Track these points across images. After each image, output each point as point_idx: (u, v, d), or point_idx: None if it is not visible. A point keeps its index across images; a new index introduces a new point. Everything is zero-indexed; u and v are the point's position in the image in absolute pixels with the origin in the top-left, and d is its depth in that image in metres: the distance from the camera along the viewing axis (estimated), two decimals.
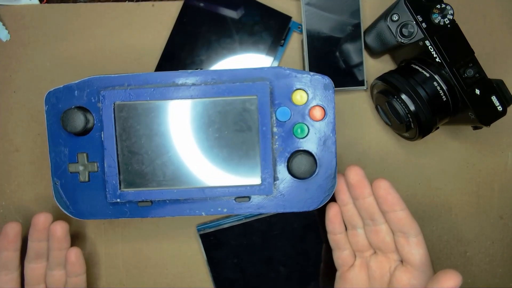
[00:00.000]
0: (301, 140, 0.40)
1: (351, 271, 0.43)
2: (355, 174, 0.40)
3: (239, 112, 0.40)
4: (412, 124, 0.43)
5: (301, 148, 0.40)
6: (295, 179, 0.40)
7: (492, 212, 0.51)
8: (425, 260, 0.40)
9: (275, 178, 0.40)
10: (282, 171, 0.40)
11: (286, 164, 0.40)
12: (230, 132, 0.40)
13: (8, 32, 0.49)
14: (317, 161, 0.40)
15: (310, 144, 0.40)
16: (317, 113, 0.40)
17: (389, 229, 0.41)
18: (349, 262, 0.44)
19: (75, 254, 0.44)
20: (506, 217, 0.51)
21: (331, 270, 0.46)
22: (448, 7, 0.42)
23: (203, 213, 0.41)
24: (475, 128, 0.46)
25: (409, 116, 0.43)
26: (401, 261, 0.41)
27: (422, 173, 0.50)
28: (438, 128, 0.45)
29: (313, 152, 0.40)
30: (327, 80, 0.40)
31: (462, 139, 0.50)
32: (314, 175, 0.40)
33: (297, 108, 0.40)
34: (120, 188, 0.40)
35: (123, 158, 0.40)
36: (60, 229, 0.44)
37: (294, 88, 0.40)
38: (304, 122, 0.40)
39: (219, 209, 0.41)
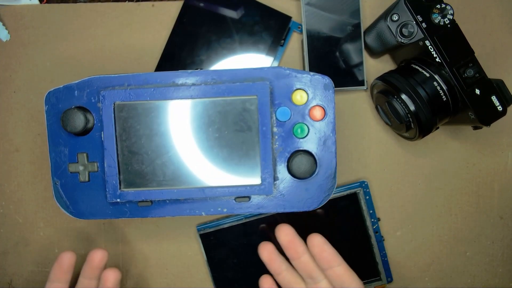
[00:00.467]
0: (301, 140, 0.40)
1: None
2: (285, 235, 0.40)
3: (239, 112, 0.40)
4: (412, 124, 0.43)
5: (301, 148, 0.40)
6: (295, 179, 0.40)
7: (492, 212, 0.51)
8: None
9: (275, 178, 0.40)
10: (282, 171, 0.40)
11: (286, 164, 0.40)
12: (230, 132, 0.40)
13: (8, 32, 0.49)
14: (317, 161, 0.40)
15: (310, 144, 0.40)
16: (317, 113, 0.40)
17: (329, 284, 0.40)
18: None
19: None
20: (506, 217, 0.51)
21: None
22: (448, 7, 0.42)
23: (203, 213, 0.41)
24: (475, 128, 0.46)
25: (409, 116, 0.43)
26: None
27: (422, 173, 0.50)
28: (438, 128, 0.45)
29: (313, 152, 0.40)
30: (327, 80, 0.40)
31: (462, 139, 0.50)
32: (314, 175, 0.40)
33: (297, 108, 0.40)
34: (120, 188, 0.40)
35: (123, 158, 0.40)
36: (112, 277, 0.43)
37: (294, 88, 0.40)
38: (304, 122, 0.40)
39: (219, 209, 0.41)
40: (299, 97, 0.40)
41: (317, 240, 0.39)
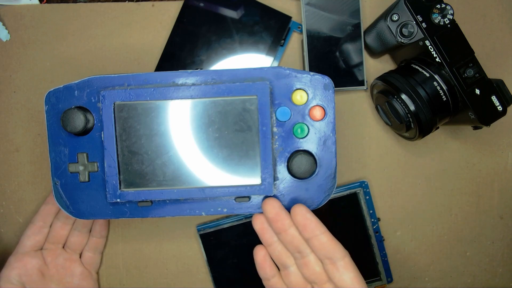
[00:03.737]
0: (301, 140, 0.40)
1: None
2: (271, 207, 0.39)
3: (239, 112, 0.40)
4: (412, 124, 0.43)
5: (301, 148, 0.40)
6: (295, 179, 0.40)
7: (492, 212, 0.51)
8: (357, 283, 0.39)
9: (275, 178, 0.40)
10: (282, 171, 0.40)
11: (286, 164, 0.40)
12: (230, 132, 0.40)
13: (8, 32, 0.49)
14: (317, 161, 0.40)
15: (310, 144, 0.40)
16: (317, 113, 0.40)
17: (317, 258, 0.40)
18: None
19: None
20: (506, 217, 0.51)
21: None
22: (448, 7, 0.42)
23: (203, 213, 0.41)
24: (475, 128, 0.46)
25: (409, 116, 0.43)
26: None
27: (422, 173, 0.50)
28: (438, 128, 0.45)
29: (313, 152, 0.40)
30: (327, 80, 0.40)
31: (462, 139, 0.50)
32: (314, 175, 0.40)
33: (297, 108, 0.40)
34: (120, 188, 0.40)
35: (123, 158, 0.40)
36: (103, 230, 0.49)
37: (294, 88, 0.40)
38: (304, 122, 0.40)
39: (219, 209, 0.41)
40: (299, 97, 0.40)
41: (299, 209, 0.38)
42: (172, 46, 0.49)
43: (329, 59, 0.48)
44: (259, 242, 0.42)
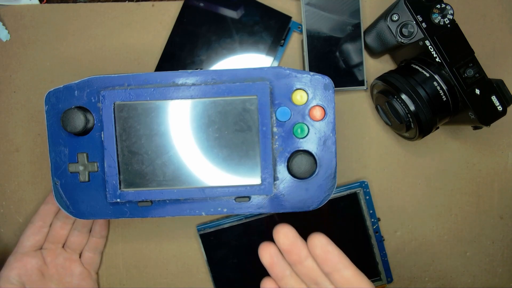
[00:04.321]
0: (301, 140, 0.40)
1: None
2: (285, 238, 0.35)
3: (239, 112, 0.40)
4: (412, 124, 0.43)
5: (301, 148, 0.40)
6: (295, 179, 0.40)
7: (492, 212, 0.51)
8: None
9: (275, 178, 0.40)
10: (282, 171, 0.40)
11: (286, 164, 0.40)
12: (230, 132, 0.40)
13: (8, 32, 0.49)
14: (317, 161, 0.40)
15: (310, 144, 0.40)
16: (317, 113, 0.40)
17: None
18: None
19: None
20: (506, 217, 0.51)
21: None
22: (448, 7, 0.42)
23: (203, 213, 0.41)
24: (475, 128, 0.46)
25: (409, 116, 0.43)
26: None
27: (422, 173, 0.50)
28: (438, 128, 0.45)
29: (313, 152, 0.40)
30: (327, 80, 0.40)
31: (462, 139, 0.50)
32: (314, 175, 0.40)
33: (297, 108, 0.40)
34: (120, 188, 0.40)
35: (123, 158, 0.40)
36: (104, 230, 0.49)
37: (294, 88, 0.40)
38: (304, 122, 0.40)
39: (219, 209, 0.41)
40: (299, 97, 0.40)
41: (319, 241, 0.34)
42: (172, 46, 0.49)
43: (329, 59, 0.48)
44: (260, 243, 0.42)
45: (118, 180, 0.40)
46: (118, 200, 0.40)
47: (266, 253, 0.36)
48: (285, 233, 0.35)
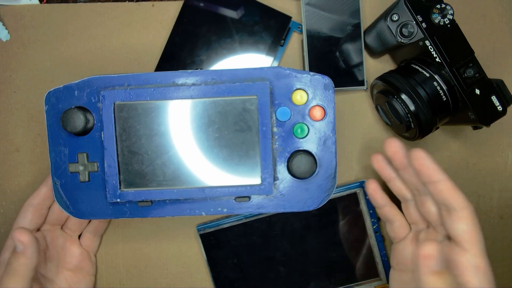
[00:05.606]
0: (301, 140, 0.40)
1: (401, 243, 0.43)
2: (390, 147, 0.40)
3: (239, 112, 0.40)
4: (412, 124, 0.43)
5: (301, 148, 0.40)
6: (295, 179, 0.40)
7: (492, 212, 0.51)
8: (469, 238, 0.35)
9: (275, 178, 0.40)
10: (282, 171, 0.40)
11: (286, 164, 0.40)
12: (230, 132, 0.40)
13: (8, 32, 0.49)
14: (317, 161, 0.40)
15: (310, 144, 0.40)
16: (317, 113, 0.40)
17: (434, 201, 0.39)
18: (401, 235, 0.44)
19: None
20: (506, 217, 0.51)
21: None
22: (448, 7, 0.42)
23: (203, 213, 0.41)
24: (475, 128, 0.46)
25: (409, 116, 0.43)
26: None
27: None
28: (438, 128, 0.45)
29: (313, 152, 0.40)
30: (327, 80, 0.40)
31: (462, 139, 0.50)
32: (314, 175, 0.40)
33: (297, 108, 0.40)
34: (120, 188, 0.40)
35: (123, 158, 0.40)
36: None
37: (294, 88, 0.40)
38: (304, 122, 0.40)
39: (219, 209, 0.41)
40: (299, 97, 0.40)
41: (417, 153, 0.37)
42: (172, 46, 0.49)
43: (329, 59, 0.48)
44: (260, 242, 0.42)
45: (118, 180, 0.40)
46: (118, 200, 0.40)
47: (376, 160, 0.43)
48: (390, 144, 0.40)
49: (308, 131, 0.40)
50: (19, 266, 0.40)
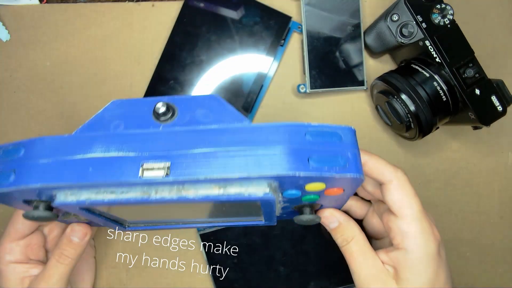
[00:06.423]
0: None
1: (366, 219, 0.43)
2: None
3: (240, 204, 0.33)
4: (412, 124, 0.43)
5: (307, 203, 0.35)
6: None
7: (492, 212, 0.51)
8: (399, 206, 0.37)
9: (278, 217, 0.38)
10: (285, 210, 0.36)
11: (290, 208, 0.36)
12: (232, 205, 0.34)
13: (8, 32, 0.49)
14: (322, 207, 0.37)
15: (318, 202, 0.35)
16: (334, 191, 0.32)
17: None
18: (362, 212, 0.44)
19: None
20: (506, 217, 0.51)
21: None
22: (448, 7, 0.42)
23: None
24: (475, 128, 0.46)
25: (409, 116, 0.43)
26: None
27: (422, 173, 0.50)
28: (438, 128, 0.45)
29: (320, 204, 0.36)
30: (358, 175, 0.29)
31: (462, 139, 0.50)
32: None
33: (311, 191, 0.31)
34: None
35: None
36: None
37: (312, 182, 0.30)
38: (316, 195, 0.33)
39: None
40: (315, 186, 0.30)
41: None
42: (172, 46, 0.49)
43: (329, 59, 0.48)
44: (260, 242, 0.42)
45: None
46: None
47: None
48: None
49: (319, 199, 0.34)
50: (72, 255, 0.42)
